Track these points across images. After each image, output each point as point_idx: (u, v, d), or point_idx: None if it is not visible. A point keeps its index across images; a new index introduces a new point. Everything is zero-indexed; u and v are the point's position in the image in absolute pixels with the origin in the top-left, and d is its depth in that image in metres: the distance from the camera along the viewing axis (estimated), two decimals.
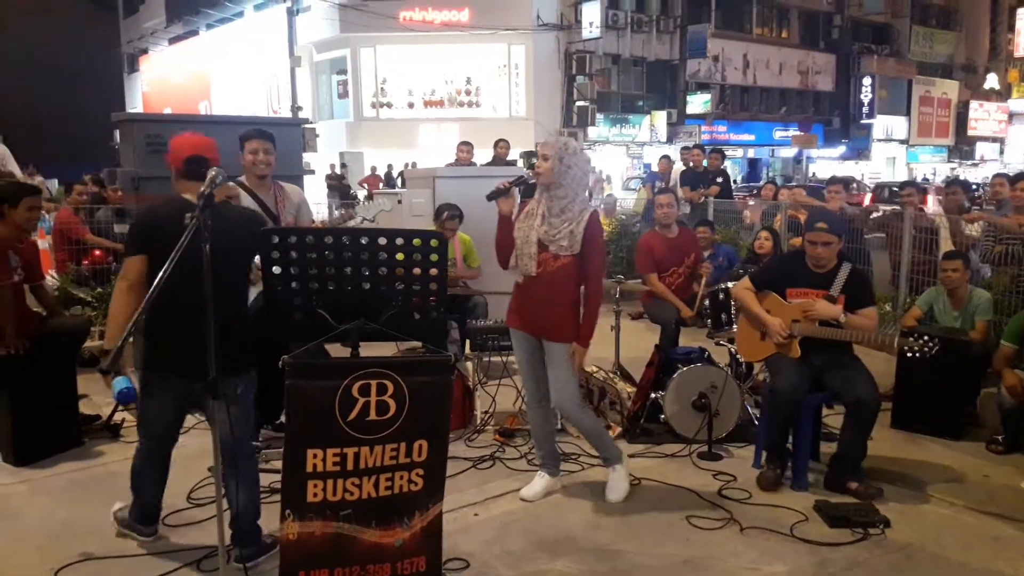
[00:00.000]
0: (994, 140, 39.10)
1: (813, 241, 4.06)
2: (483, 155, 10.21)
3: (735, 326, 4.78)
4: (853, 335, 4.01)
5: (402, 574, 2.69)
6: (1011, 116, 38.93)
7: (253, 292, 4.30)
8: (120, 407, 4.90)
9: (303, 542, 2.59)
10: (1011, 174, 6.77)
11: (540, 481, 4.00)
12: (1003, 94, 38.76)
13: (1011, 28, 36.23)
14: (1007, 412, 4.58)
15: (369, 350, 2.77)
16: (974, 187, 24.72)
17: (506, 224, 3.76)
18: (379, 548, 2.65)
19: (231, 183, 4.34)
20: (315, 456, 2.58)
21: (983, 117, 38.04)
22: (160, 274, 2.48)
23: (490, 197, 3.69)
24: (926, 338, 3.88)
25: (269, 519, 3.46)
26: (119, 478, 4.19)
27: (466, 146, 9.12)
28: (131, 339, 2.54)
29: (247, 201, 4.40)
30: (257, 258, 4.14)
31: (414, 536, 2.69)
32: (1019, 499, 4.01)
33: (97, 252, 7.17)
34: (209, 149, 3.23)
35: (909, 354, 3.88)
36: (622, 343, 5.49)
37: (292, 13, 22.65)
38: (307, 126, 17.54)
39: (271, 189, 4.48)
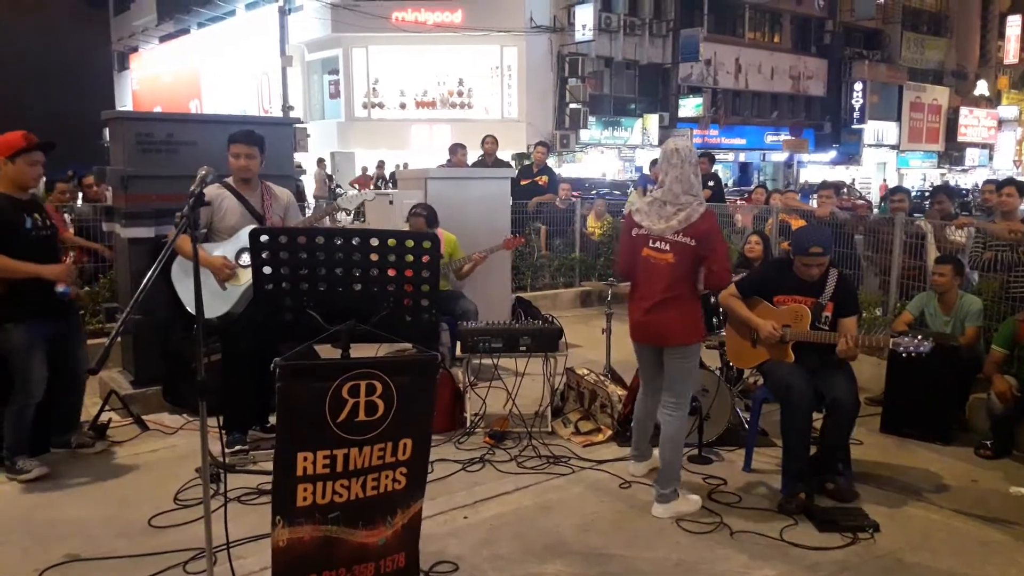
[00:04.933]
0: (983, 146, 39.37)
1: (807, 264, 4.05)
2: (476, 156, 10.19)
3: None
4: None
5: (385, 572, 2.71)
6: (1000, 122, 39.21)
7: (239, 292, 4.31)
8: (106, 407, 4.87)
9: (292, 548, 2.58)
10: (1001, 180, 6.79)
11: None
12: (992, 100, 39.05)
13: (1001, 35, 36.60)
14: (996, 417, 4.60)
15: (359, 351, 2.76)
16: (964, 192, 24.84)
17: None
18: (364, 548, 2.65)
19: (218, 183, 4.32)
20: (305, 459, 2.56)
21: (973, 123, 38.29)
22: (152, 271, 2.48)
23: None
24: (920, 337, 3.88)
25: (258, 521, 3.44)
26: (105, 479, 4.17)
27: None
28: (119, 339, 2.54)
29: (231, 202, 4.39)
30: (246, 256, 4.18)
31: (396, 533, 2.71)
32: (1008, 504, 4.03)
33: (75, 252, 7.06)
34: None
35: (904, 354, 3.88)
36: (613, 346, 5.48)
37: (284, 12, 22.52)
38: (298, 126, 17.47)
39: (257, 189, 4.46)
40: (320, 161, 20.99)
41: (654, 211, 3.79)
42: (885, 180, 33.28)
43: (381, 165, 20.98)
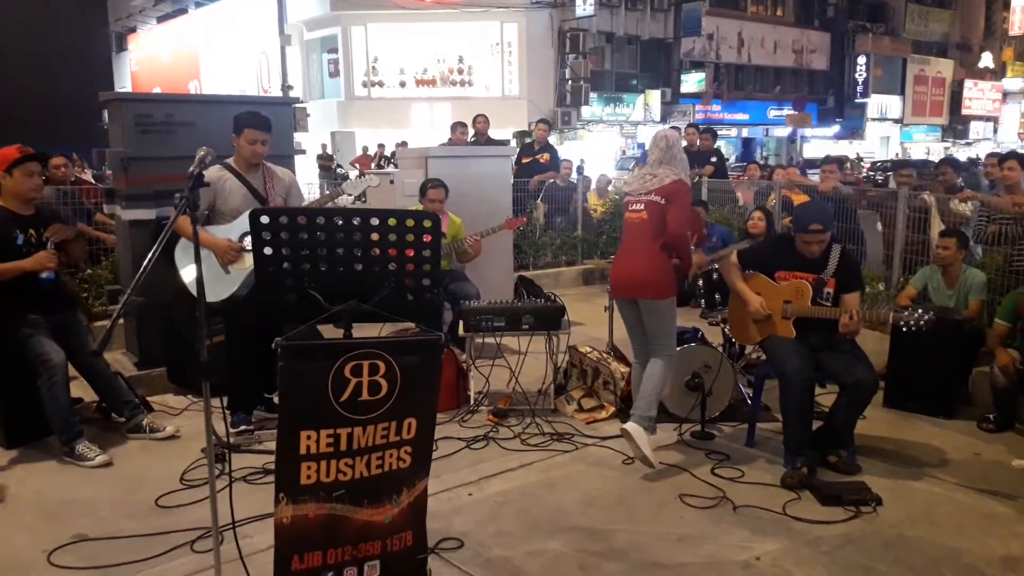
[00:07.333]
0: (988, 119, 39.09)
1: (808, 241, 4.06)
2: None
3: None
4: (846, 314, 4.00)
5: (392, 550, 2.72)
6: (1005, 95, 38.90)
7: (243, 275, 4.31)
8: None
9: (297, 525, 2.59)
10: (1003, 153, 6.75)
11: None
12: (997, 73, 38.71)
13: (1006, 6, 36.11)
14: (999, 391, 4.60)
15: (362, 331, 2.76)
16: (970, 163, 24.65)
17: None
18: (370, 526, 2.66)
19: (220, 165, 4.31)
20: (308, 438, 2.57)
21: (977, 96, 38.00)
22: (153, 253, 2.47)
23: None
24: (921, 311, 3.89)
25: (264, 500, 3.47)
26: (112, 460, 4.19)
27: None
28: (121, 321, 2.54)
29: (234, 183, 4.36)
30: (248, 240, 4.17)
31: (402, 512, 2.71)
32: (1010, 477, 4.04)
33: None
34: None
35: (905, 328, 3.88)
36: (616, 323, 5.48)
37: None
38: (298, 106, 17.36)
39: (259, 171, 4.44)
40: (323, 149, 20.69)
41: (637, 179, 4.31)
42: (897, 154, 33.09)
43: (369, 147, 20.73)
